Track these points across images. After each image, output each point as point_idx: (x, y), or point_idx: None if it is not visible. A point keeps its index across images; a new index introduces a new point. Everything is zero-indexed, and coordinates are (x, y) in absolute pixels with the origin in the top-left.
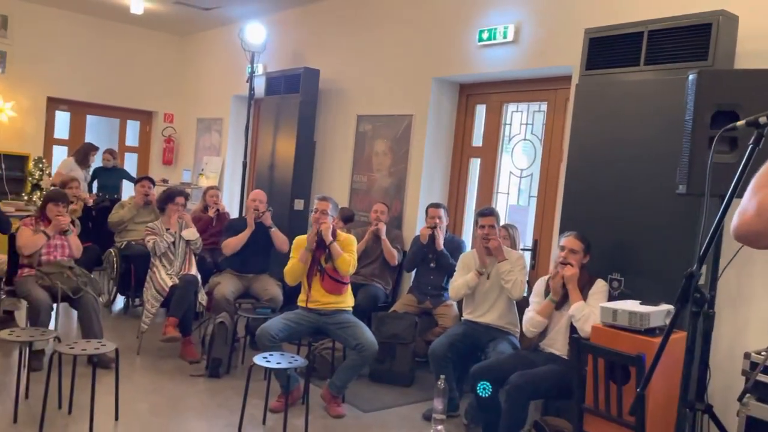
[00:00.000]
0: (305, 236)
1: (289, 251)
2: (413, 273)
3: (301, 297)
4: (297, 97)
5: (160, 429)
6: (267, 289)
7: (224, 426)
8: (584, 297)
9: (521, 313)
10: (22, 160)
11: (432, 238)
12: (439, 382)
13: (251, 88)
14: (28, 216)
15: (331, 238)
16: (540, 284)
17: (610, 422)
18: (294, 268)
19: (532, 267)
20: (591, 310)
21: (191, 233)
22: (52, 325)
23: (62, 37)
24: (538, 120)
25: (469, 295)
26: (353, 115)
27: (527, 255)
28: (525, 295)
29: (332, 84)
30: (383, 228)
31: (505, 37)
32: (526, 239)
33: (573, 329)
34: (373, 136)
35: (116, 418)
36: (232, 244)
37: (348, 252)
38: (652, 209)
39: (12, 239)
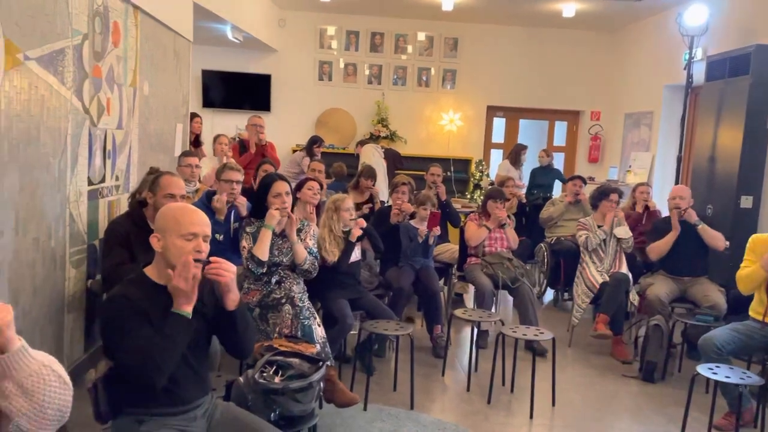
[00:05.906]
0: (764, 236)
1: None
2: None
3: (757, 308)
4: (746, 79)
5: (595, 422)
6: (707, 294)
7: None
8: None
9: None
10: (466, 163)
11: None
12: None
13: (689, 76)
14: (472, 212)
15: None
16: None
17: None
18: (752, 276)
19: None
20: None
21: (624, 231)
22: (493, 309)
23: (500, 50)
24: None
25: None
26: None
27: None
28: None
29: None
30: None
31: None
32: None
33: None
34: None
35: (552, 404)
36: (657, 248)
37: None
38: None
39: (461, 232)
